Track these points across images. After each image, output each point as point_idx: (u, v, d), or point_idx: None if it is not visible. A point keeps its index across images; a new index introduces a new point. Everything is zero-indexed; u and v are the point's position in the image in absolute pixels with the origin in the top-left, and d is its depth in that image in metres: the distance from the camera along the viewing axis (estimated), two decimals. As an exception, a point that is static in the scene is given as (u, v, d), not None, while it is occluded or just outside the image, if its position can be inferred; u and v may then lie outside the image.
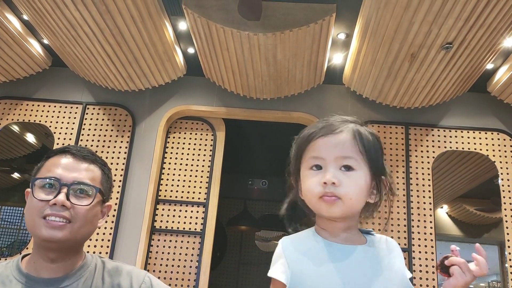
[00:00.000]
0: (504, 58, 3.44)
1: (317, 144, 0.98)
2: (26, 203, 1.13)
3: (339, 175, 0.95)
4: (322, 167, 0.97)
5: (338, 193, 0.94)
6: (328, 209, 0.95)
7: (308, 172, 0.99)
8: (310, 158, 0.98)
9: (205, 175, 3.91)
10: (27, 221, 1.09)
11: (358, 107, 3.93)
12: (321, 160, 0.97)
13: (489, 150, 3.79)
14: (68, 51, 3.48)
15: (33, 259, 1.12)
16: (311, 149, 0.99)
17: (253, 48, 3.18)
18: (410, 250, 3.56)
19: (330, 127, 0.99)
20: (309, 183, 0.98)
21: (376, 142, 1.01)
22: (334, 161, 0.96)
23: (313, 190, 0.96)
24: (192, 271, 3.66)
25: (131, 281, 1.16)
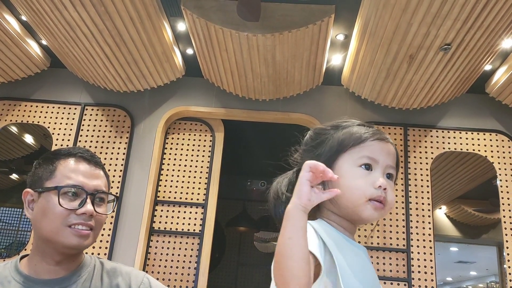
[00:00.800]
0: (502, 59, 3.45)
1: (374, 145, 0.98)
2: (40, 208, 1.11)
3: (387, 182, 0.97)
4: (371, 169, 0.97)
5: (385, 200, 0.95)
6: (372, 213, 0.94)
7: (357, 169, 0.96)
8: (363, 157, 0.97)
9: (204, 176, 3.91)
10: (47, 228, 1.08)
11: (357, 108, 3.93)
12: (374, 162, 0.97)
13: (488, 151, 3.79)
14: (66, 52, 3.47)
15: (34, 261, 1.11)
16: (365, 148, 0.97)
17: (252, 49, 3.18)
18: (409, 251, 3.56)
19: (382, 133, 1.01)
20: (360, 182, 0.95)
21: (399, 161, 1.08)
22: (384, 167, 0.97)
23: (365, 191, 0.94)
24: (191, 272, 3.66)
25: (129, 281, 1.16)
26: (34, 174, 1.16)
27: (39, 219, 1.10)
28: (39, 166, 1.17)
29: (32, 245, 1.13)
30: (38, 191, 1.13)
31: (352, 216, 0.96)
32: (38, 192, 1.13)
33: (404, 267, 3.54)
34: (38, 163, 1.18)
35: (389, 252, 3.58)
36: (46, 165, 1.16)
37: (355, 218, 0.96)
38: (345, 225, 0.98)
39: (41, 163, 1.17)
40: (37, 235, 1.12)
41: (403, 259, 3.56)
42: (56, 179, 1.12)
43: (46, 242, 1.10)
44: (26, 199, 1.13)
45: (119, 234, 3.65)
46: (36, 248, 1.12)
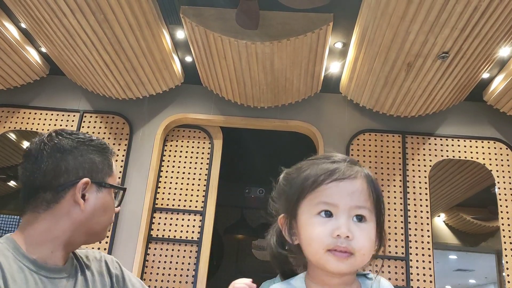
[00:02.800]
0: (500, 67, 3.47)
1: (329, 188, 0.87)
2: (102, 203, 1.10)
3: (353, 227, 0.86)
4: (333, 215, 0.86)
5: (352, 248, 0.85)
6: (337, 265, 0.85)
7: (314, 218, 0.87)
8: (319, 203, 0.87)
9: (202, 183, 3.90)
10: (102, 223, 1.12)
11: (355, 115, 3.94)
12: (333, 207, 0.86)
13: (486, 159, 3.80)
14: (65, 60, 3.48)
15: (49, 248, 1.05)
16: (320, 193, 0.88)
17: (251, 56, 3.19)
18: (408, 259, 3.55)
19: (343, 170, 0.89)
20: (316, 232, 0.86)
21: (381, 194, 0.93)
22: (348, 210, 0.86)
23: (322, 241, 0.85)
24: (189, 280, 3.64)
25: (107, 265, 1.20)
26: (90, 161, 1.10)
27: (98, 213, 1.10)
28: (94, 153, 1.11)
29: (46, 232, 1.05)
30: (100, 184, 1.10)
31: (324, 269, 0.88)
32: (99, 185, 1.10)
33: (403, 275, 3.53)
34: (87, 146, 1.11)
35: (388, 260, 3.57)
36: (102, 157, 1.13)
37: (329, 272, 0.87)
38: (324, 278, 0.90)
39: (93, 150, 1.11)
40: (79, 226, 1.07)
41: (402, 267, 3.55)
42: (113, 178, 1.16)
43: (88, 234, 1.10)
44: (81, 187, 1.07)
45: (117, 241, 3.64)
46: (59, 237, 1.05)
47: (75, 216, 1.07)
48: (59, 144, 1.09)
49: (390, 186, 3.76)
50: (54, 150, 1.08)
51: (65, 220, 1.06)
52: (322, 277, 0.90)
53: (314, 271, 0.91)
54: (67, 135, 1.12)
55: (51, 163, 1.06)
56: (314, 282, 0.91)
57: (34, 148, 1.09)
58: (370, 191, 0.89)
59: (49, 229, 1.05)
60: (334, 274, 0.88)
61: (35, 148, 1.09)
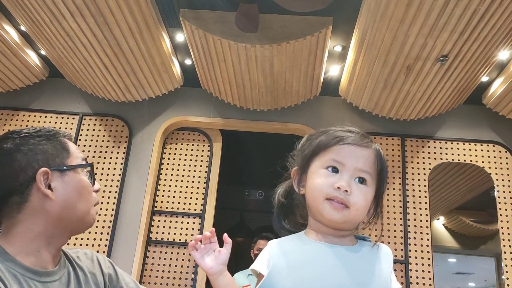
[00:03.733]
0: (499, 71, 3.47)
1: (343, 149, 0.99)
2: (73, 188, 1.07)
3: (353, 185, 0.96)
4: (338, 171, 0.98)
5: (348, 201, 0.95)
6: (332, 213, 0.95)
7: (322, 170, 0.99)
8: (330, 160, 0.99)
9: (201, 186, 3.90)
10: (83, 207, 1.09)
11: (355, 118, 3.94)
12: (341, 165, 0.98)
13: (485, 162, 3.80)
14: (65, 62, 3.48)
15: (36, 247, 1.03)
16: (334, 151, 1.00)
17: (250, 59, 3.19)
18: (407, 262, 3.55)
19: (359, 138, 1.01)
20: (320, 181, 0.98)
21: (387, 169, 1.04)
22: (353, 170, 0.97)
23: (323, 189, 0.97)
24: (188, 283, 3.63)
25: (100, 266, 1.17)
26: (43, 152, 1.06)
27: (73, 200, 1.06)
28: (43, 143, 1.08)
29: (26, 231, 1.02)
30: (61, 169, 1.07)
31: (319, 217, 0.98)
32: (61, 170, 1.07)
33: (403, 278, 3.52)
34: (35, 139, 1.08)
35: (387, 263, 3.56)
36: (54, 144, 1.10)
37: (322, 220, 0.98)
38: (320, 228, 1.00)
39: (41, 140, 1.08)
40: (58, 216, 1.04)
41: (401, 270, 3.55)
42: (74, 158, 1.10)
43: (71, 222, 1.06)
44: (41, 178, 1.03)
45: (116, 244, 3.63)
46: (41, 234, 1.03)
47: (50, 208, 1.04)
48: (5, 148, 1.06)
49: (389, 189, 3.76)
50: (2, 155, 1.05)
51: (41, 215, 1.04)
52: (318, 225, 1.00)
53: (312, 220, 1.01)
54: (10, 135, 1.09)
55: (5, 169, 1.04)
56: (312, 232, 1.01)
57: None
58: (376, 161, 1.00)
59: (29, 228, 1.03)
60: (329, 223, 0.97)
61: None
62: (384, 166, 1.02)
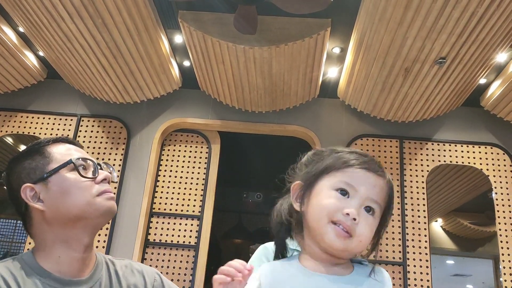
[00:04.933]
0: (497, 73, 3.48)
1: (357, 173, 0.92)
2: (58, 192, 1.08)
3: (361, 214, 0.90)
4: (349, 196, 0.91)
5: (354, 230, 0.88)
6: (334, 239, 0.88)
7: (331, 191, 0.92)
8: (341, 181, 0.92)
9: (199, 188, 3.90)
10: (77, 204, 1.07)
11: (353, 120, 3.95)
12: (353, 190, 0.91)
13: (483, 164, 3.80)
14: (63, 64, 3.48)
15: (56, 254, 1.06)
16: (346, 174, 0.92)
17: (249, 61, 3.20)
18: (405, 264, 3.55)
19: (374, 164, 0.94)
20: (329, 202, 0.90)
21: (393, 200, 0.98)
22: (364, 199, 0.91)
23: (330, 212, 0.89)
24: (186, 285, 3.62)
25: (144, 280, 1.16)
26: (23, 170, 1.09)
27: (61, 201, 1.06)
28: (23, 160, 1.11)
29: (44, 242, 1.06)
30: (43, 178, 1.08)
31: (318, 240, 0.91)
32: (43, 179, 1.08)
33: (401, 280, 3.52)
34: (17, 160, 1.11)
35: (385, 265, 3.56)
36: (34, 156, 1.11)
37: (320, 244, 0.91)
38: (315, 255, 0.93)
39: (22, 159, 1.11)
40: (60, 221, 1.07)
41: (400, 272, 3.55)
42: (57, 161, 1.10)
43: (76, 222, 1.07)
44: (27, 195, 1.06)
45: (114, 245, 3.62)
46: (55, 241, 1.06)
47: (47, 218, 1.07)
48: (3, 176, 1.15)
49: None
50: (4, 182, 1.14)
51: (44, 225, 1.08)
52: (315, 250, 0.93)
53: (309, 242, 0.94)
54: (8, 161, 1.17)
55: (8, 194, 1.14)
56: (307, 256, 0.94)
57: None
58: (387, 194, 0.94)
59: (43, 239, 1.08)
60: (327, 248, 0.90)
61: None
62: (392, 201, 0.96)
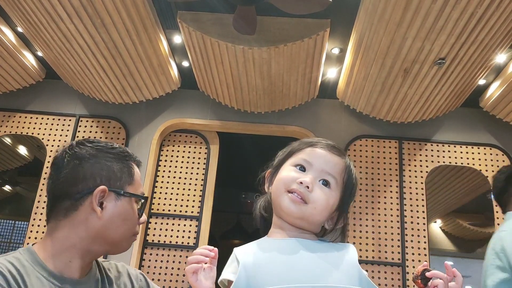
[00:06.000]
0: (496, 74, 3.48)
1: (313, 151, 1.04)
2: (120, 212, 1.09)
3: (316, 186, 1.00)
4: (305, 170, 1.02)
5: (307, 197, 0.98)
6: (289, 205, 0.98)
7: (290, 167, 1.03)
8: (300, 159, 1.04)
9: (198, 189, 3.89)
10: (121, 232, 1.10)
11: (352, 121, 3.94)
12: (309, 164, 1.02)
13: (482, 165, 3.80)
14: (62, 64, 3.47)
15: (67, 258, 1.05)
16: (305, 153, 1.04)
17: (248, 62, 3.19)
18: (404, 265, 3.55)
19: (332, 147, 1.06)
20: (287, 174, 1.02)
21: (355, 186, 1.07)
22: (319, 172, 1.01)
23: (286, 182, 1.00)
24: (185, 286, 3.62)
25: (131, 280, 1.18)
26: (108, 169, 1.09)
27: (116, 221, 1.08)
28: (113, 161, 1.11)
29: (64, 242, 1.05)
30: (119, 193, 1.09)
31: (279, 211, 1.01)
32: (119, 194, 1.09)
33: (400, 281, 3.52)
34: (106, 155, 1.10)
35: (384, 266, 3.56)
36: (123, 165, 1.12)
37: (281, 214, 1.00)
38: (281, 225, 1.02)
39: (111, 157, 1.11)
40: (97, 235, 1.06)
41: (398, 273, 3.54)
42: (135, 187, 1.13)
43: (106, 244, 1.08)
44: (98, 195, 1.06)
45: (112, 247, 3.61)
46: (75, 247, 1.05)
47: (93, 224, 1.06)
48: (78, 152, 1.09)
49: (386, 192, 3.76)
50: (73, 158, 1.08)
51: (82, 228, 1.06)
52: (281, 222, 1.02)
53: (275, 218, 1.04)
54: (88, 143, 1.12)
55: (69, 171, 1.07)
56: (275, 230, 1.03)
57: (58, 157, 1.10)
58: (344, 170, 1.04)
59: (67, 237, 1.05)
60: (286, 216, 1.00)
61: (58, 157, 1.10)
62: (352, 179, 1.05)
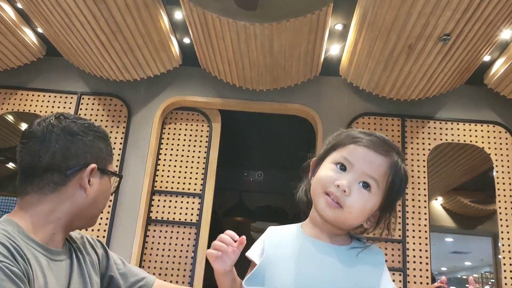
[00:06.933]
0: (501, 51, 3.44)
1: (357, 150, 0.98)
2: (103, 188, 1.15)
3: (354, 188, 0.95)
4: (346, 170, 0.97)
5: (343, 202, 0.94)
6: (324, 208, 0.96)
7: (331, 165, 0.99)
8: (341, 157, 0.99)
9: (201, 166, 3.90)
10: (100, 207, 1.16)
11: (355, 99, 3.92)
12: (350, 164, 0.97)
13: (485, 143, 3.79)
14: (62, 40, 3.44)
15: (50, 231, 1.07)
16: (348, 150, 0.99)
17: (250, 38, 3.15)
18: (404, 241, 3.58)
19: (378, 144, 0.99)
20: (325, 174, 0.98)
21: (403, 184, 1.02)
22: (360, 174, 0.96)
23: (324, 183, 0.97)
24: (188, 262, 3.66)
25: (93, 247, 1.23)
26: (97, 148, 1.13)
27: (99, 198, 1.14)
28: (100, 140, 1.15)
29: (49, 216, 1.06)
30: (104, 171, 1.15)
31: (316, 209, 0.99)
32: (104, 172, 1.14)
33: (400, 257, 3.56)
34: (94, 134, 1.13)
35: (385, 243, 3.59)
36: (105, 144, 1.17)
37: (318, 211, 0.99)
38: (316, 221, 1.01)
39: (98, 137, 1.15)
40: (81, 210, 1.09)
41: (399, 249, 3.58)
42: (112, 165, 1.19)
43: (86, 219, 1.13)
44: (88, 173, 1.09)
45: (116, 223, 3.65)
46: (60, 221, 1.07)
47: (80, 200, 1.09)
48: (68, 127, 1.10)
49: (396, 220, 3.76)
50: (64, 133, 1.08)
51: (69, 203, 1.08)
52: (316, 218, 1.00)
53: (312, 212, 1.02)
54: (73, 119, 1.13)
55: (60, 145, 1.07)
56: (310, 224, 1.02)
57: (41, 129, 1.08)
58: (388, 172, 0.98)
59: (53, 210, 1.06)
60: (321, 215, 0.98)
61: (41, 129, 1.08)
62: (397, 179, 0.99)
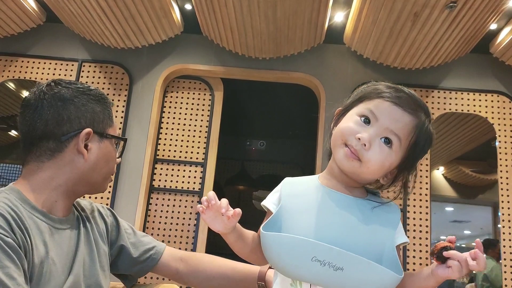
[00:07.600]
0: (508, 19, 3.37)
1: (384, 105, 0.96)
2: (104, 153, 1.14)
3: (375, 142, 0.94)
4: (370, 123, 0.95)
5: (362, 155, 0.93)
6: (342, 159, 0.94)
7: (355, 117, 0.97)
8: (367, 109, 0.96)
9: (203, 135, 3.90)
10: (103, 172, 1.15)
11: (358, 67, 3.88)
12: (374, 118, 0.95)
13: (488, 112, 3.77)
14: (62, 7, 3.38)
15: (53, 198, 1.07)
16: (375, 104, 0.96)
17: (252, 4, 3.10)
18: (405, 210, 3.62)
19: (406, 101, 0.96)
20: (347, 126, 0.96)
21: (427, 145, 1.00)
22: (383, 129, 0.94)
23: (344, 133, 0.95)
24: (191, 229, 3.72)
25: (101, 215, 1.25)
26: (91, 111, 1.11)
27: (100, 163, 1.12)
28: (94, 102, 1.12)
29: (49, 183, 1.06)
30: (102, 135, 1.13)
31: (334, 157, 0.98)
32: (102, 135, 1.13)
33: (400, 226, 3.60)
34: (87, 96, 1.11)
35: (386, 211, 3.63)
36: (104, 107, 1.15)
37: (336, 160, 0.97)
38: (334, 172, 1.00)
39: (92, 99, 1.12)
40: (82, 176, 1.09)
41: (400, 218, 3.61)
42: (114, 128, 1.17)
43: (90, 184, 1.11)
44: (83, 137, 1.08)
45: (119, 192, 3.69)
46: (61, 188, 1.07)
47: (79, 166, 1.08)
48: (59, 93, 1.08)
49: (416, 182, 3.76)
50: (55, 99, 1.07)
51: (68, 169, 1.07)
52: (334, 168, 0.99)
53: (331, 163, 1.01)
54: (66, 84, 1.11)
55: (52, 112, 1.06)
56: (327, 176, 1.01)
57: (34, 97, 1.08)
58: (413, 132, 0.95)
59: (53, 177, 1.06)
60: (339, 166, 0.97)
61: (34, 98, 1.08)
62: (421, 140, 0.97)
